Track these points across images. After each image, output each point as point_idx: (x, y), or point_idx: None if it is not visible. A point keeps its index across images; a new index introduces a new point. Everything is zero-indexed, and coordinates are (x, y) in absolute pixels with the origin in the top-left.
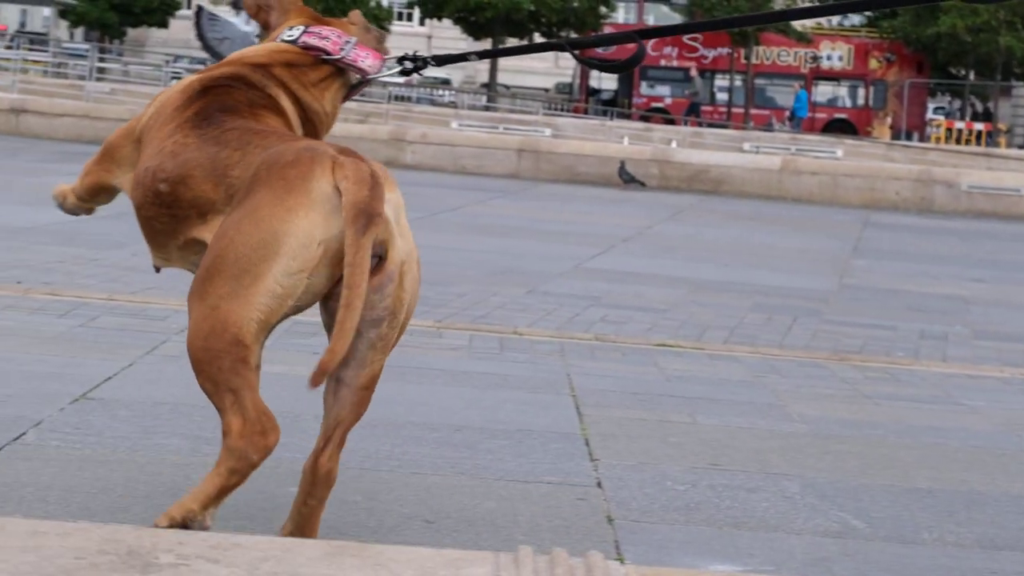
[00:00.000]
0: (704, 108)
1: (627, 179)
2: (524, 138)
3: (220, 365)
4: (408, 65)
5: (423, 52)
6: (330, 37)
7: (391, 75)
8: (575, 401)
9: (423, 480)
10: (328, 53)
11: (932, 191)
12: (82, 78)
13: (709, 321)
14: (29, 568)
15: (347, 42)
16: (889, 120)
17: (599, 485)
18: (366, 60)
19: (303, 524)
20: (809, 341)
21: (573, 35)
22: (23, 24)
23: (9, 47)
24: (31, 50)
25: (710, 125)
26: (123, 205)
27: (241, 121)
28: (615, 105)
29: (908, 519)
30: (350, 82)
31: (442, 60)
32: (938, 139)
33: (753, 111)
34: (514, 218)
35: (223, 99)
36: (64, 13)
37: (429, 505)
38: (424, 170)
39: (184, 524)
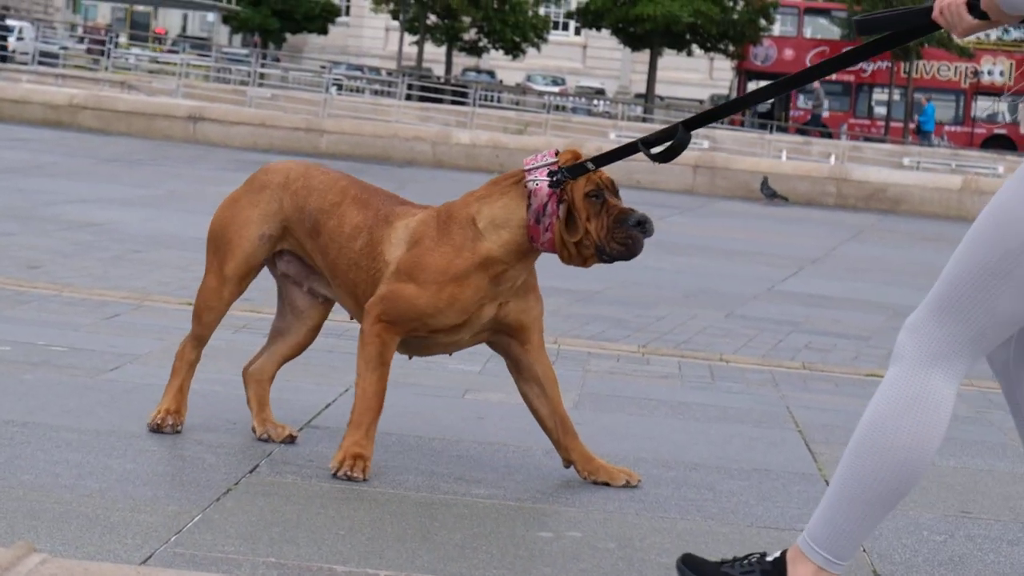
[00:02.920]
0: (861, 122)
1: (769, 194)
2: (700, 154)
3: None
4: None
5: (577, 62)
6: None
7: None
8: (802, 437)
9: (672, 525)
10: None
11: None
12: (243, 83)
13: None
14: None
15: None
16: None
17: None
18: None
19: None
20: None
21: (731, 48)
22: (184, 28)
23: (173, 50)
24: (196, 55)
25: (865, 139)
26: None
27: None
28: (772, 118)
29: None
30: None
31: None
32: None
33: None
34: (699, 236)
35: None
36: (227, 19)
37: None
38: None
39: None
